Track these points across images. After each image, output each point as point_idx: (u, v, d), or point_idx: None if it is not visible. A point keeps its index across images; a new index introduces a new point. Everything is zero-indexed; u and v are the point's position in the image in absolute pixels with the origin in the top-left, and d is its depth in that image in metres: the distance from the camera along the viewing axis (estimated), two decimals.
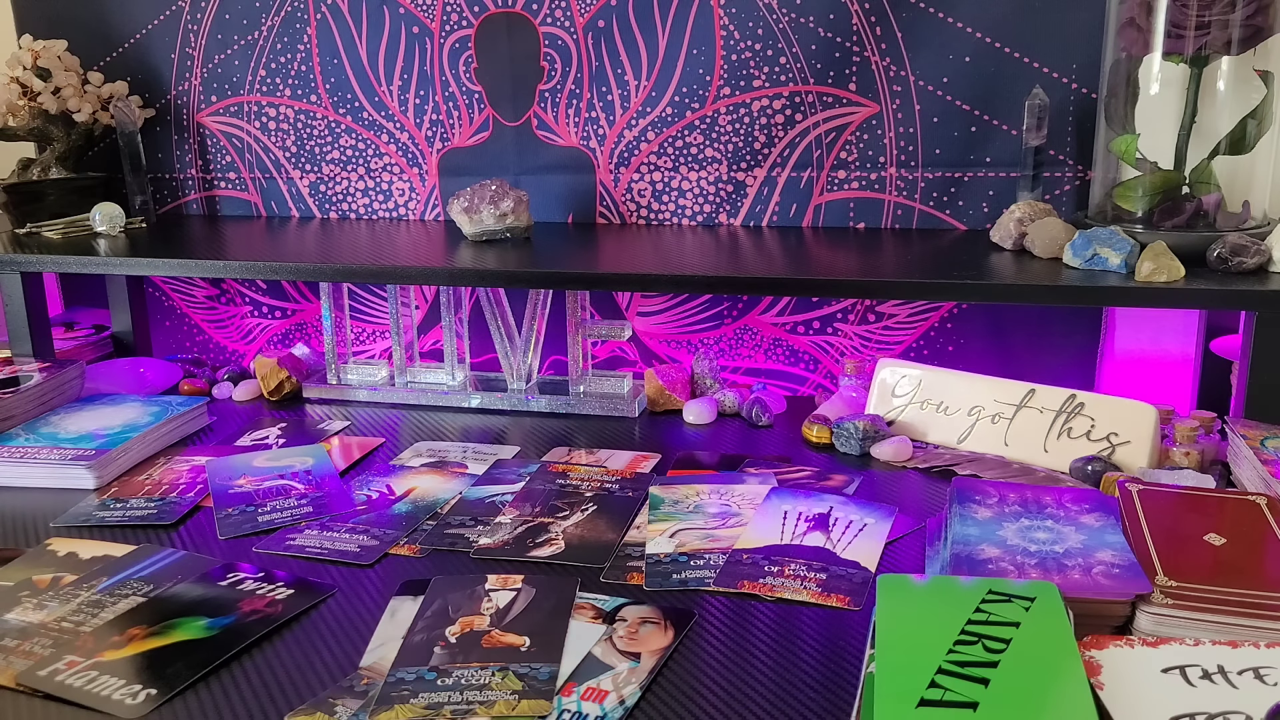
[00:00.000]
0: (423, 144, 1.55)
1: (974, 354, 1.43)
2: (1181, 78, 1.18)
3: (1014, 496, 0.94)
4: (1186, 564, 0.80)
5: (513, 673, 0.77)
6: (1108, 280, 1.13)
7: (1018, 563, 0.81)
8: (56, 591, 0.91)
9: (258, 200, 1.65)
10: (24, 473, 1.16)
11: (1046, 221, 1.24)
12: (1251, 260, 1.12)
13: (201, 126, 1.63)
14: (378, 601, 0.89)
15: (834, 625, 0.84)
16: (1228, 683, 0.66)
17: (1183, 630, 0.73)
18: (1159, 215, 1.21)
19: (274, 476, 1.15)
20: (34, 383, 1.32)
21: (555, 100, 1.49)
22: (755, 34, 1.38)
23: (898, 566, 0.93)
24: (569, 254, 1.37)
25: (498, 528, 1.02)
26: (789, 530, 0.99)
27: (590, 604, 0.87)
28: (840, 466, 1.17)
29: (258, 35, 1.56)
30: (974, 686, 0.63)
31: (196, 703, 0.75)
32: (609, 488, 1.11)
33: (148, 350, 1.72)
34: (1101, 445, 1.11)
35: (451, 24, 1.48)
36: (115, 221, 1.51)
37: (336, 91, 1.56)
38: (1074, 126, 1.33)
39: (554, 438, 1.29)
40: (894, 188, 1.41)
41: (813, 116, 1.40)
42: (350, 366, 1.48)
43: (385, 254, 1.35)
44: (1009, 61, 1.33)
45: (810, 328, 1.49)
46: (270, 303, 1.69)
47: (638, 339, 1.56)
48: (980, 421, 1.19)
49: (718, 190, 1.47)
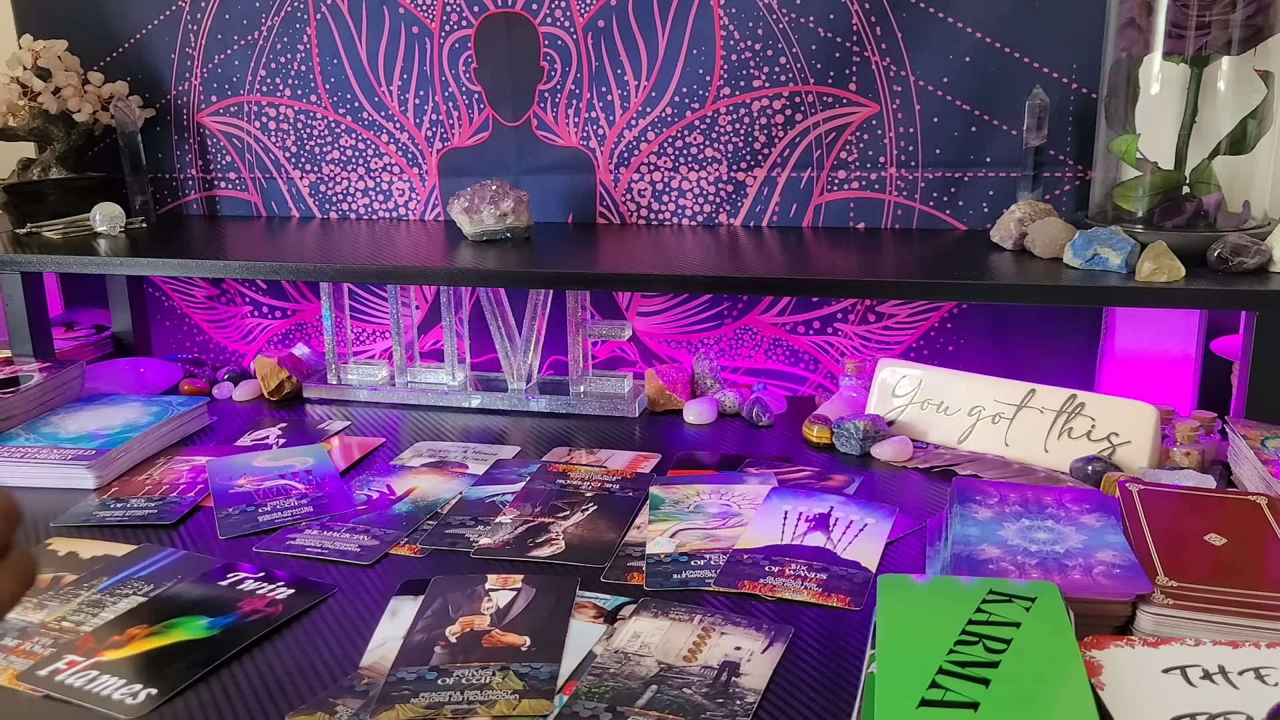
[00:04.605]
0: (423, 144, 1.55)
1: (974, 354, 1.43)
2: (1182, 78, 1.18)
3: (1014, 496, 0.94)
4: (1187, 564, 0.80)
5: (513, 672, 0.77)
6: (1108, 280, 1.13)
7: (1018, 563, 0.81)
8: (57, 591, 0.91)
9: (258, 200, 1.65)
10: (24, 473, 1.16)
11: (1047, 221, 1.24)
12: (1252, 260, 1.12)
13: (201, 126, 1.63)
14: (378, 601, 0.89)
15: (834, 625, 0.84)
16: (1228, 683, 0.66)
17: (1183, 630, 0.73)
18: (1159, 215, 1.21)
19: (274, 476, 1.15)
20: (34, 383, 1.32)
21: (555, 100, 1.49)
22: (755, 34, 1.38)
23: (898, 566, 0.93)
24: (569, 254, 1.37)
25: (498, 528, 1.02)
26: (789, 530, 0.99)
27: (591, 603, 0.87)
28: (840, 466, 1.17)
29: (258, 35, 1.56)
30: (975, 687, 0.63)
31: (196, 702, 0.75)
32: (609, 488, 1.11)
33: (148, 350, 1.72)
34: (1102, 445, 1.11)
35: (451, 24, 1.48)
36: (115, 221, 1.51)
37: (336, 91, 1.56)
38: (1074, 126, 1.33)
39: (554, 438, 1.29)
40: (894, 188, 1.41)
41: (813, 116, 1.40)
42: (350, 366, 1.48)
43: (385, 254, 1.35)
44: (1009, 61, 1.33)
45: (810, 328, 1.49)
46: (270, 303, 1.69)
47: (638, 339, 1.56)
48: (980, 421, 1.19)
49: (718, 190, 1.47)
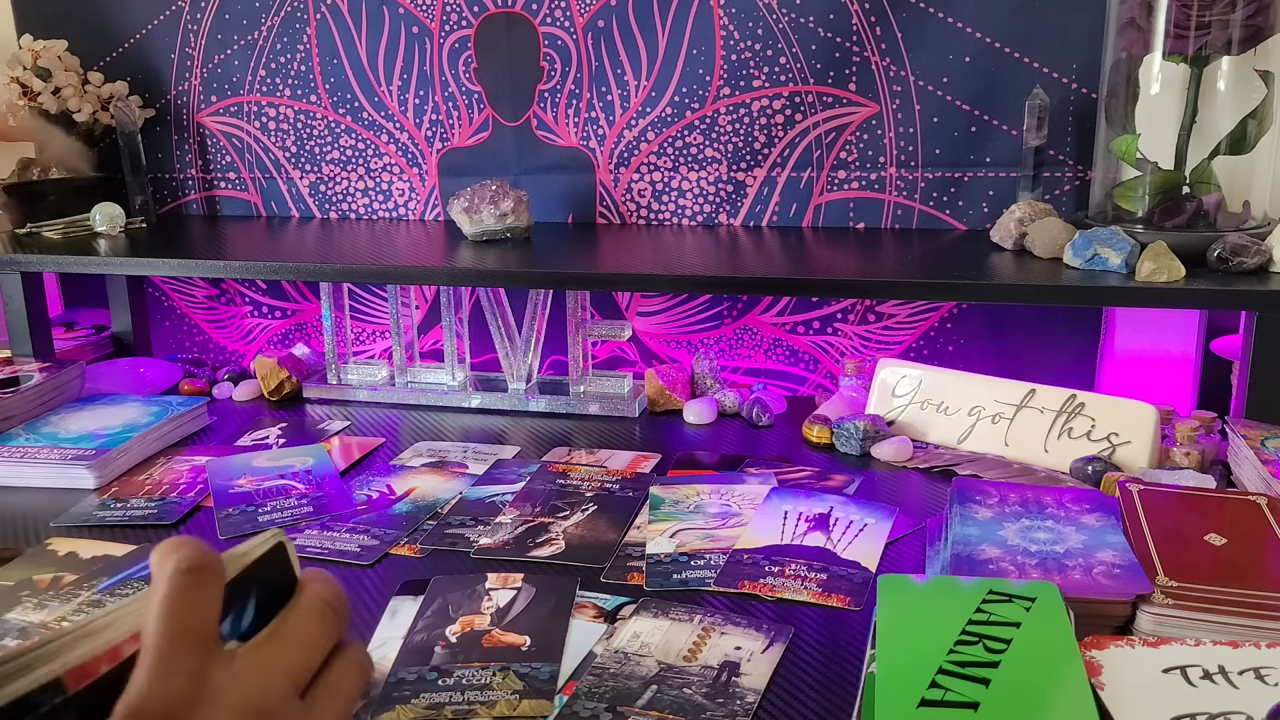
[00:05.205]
0: (422, 144, 1.55)
1: (974, 354, 1.43)
2: (1182, 78, 1.18)
3: (1014, 496, 0.94)
4: (1187, 564, 0.80)
5: (514, 672, 0.77)
6: (1108, 280, 1.13)
7: (1018, 563, 0.81)
8: (57, 591, 0.91)
9: (258, 200, 1.65)
10: (24, 472, 1.16)
11: (1047, 221, 1.24)
12: (1252, 260, 1.12)
13: (201, 126, 1.63)
14: (378, 601, 0.89)
15: (834, 625, 0.84)
16: (1228, 683, 0.66)
17: (1183, 630, 0.73)
18: (1159, 215, 1.21)
19: (274, 476, 1.15)
20: (34, 383, 1.32)
21: (555, 100, 1.49)
22: (755, 34, 1.38)
23: (898, 566, 0.93)
24: (569, 254, 1.37)
25: (498, 528, 1.02)
26: (789, 530, 0.99)
27: (592, 603, 0.87)
28: (840, 466, 1.17)
29: (257, 35, 1.56)
30: (975, 687, 0.63)
31: None
32: (609, 488, 1.11)
33: (148, 350, 1.72)
34: (1102, 445, 1.11)
35: (451, 24, 1.48)
36: (115, 221, 1.51)
37: (336, 91, 1.56)
38: (1074, 126, 1.33)
39: (554, 438, 1.29)
40: (894, 188, 1.41)
41: (813, 116, 1.40)
42: (350, 366, 1.48)
43: (385, 254, 1.35)
44: (1009, 61, 1.33)
45: (810, 328, 1.49)
46: (270, 303, 1.69)
47: (638, 339, 1.56)
48: (980, 421, 1.19)
49: (718, 190, 1.47)
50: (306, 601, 0.41)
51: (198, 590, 0.37)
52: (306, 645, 0.40)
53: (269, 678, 0.39)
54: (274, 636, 0.40)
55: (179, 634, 0.36)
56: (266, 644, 0.39)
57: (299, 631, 0.40)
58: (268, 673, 0.39)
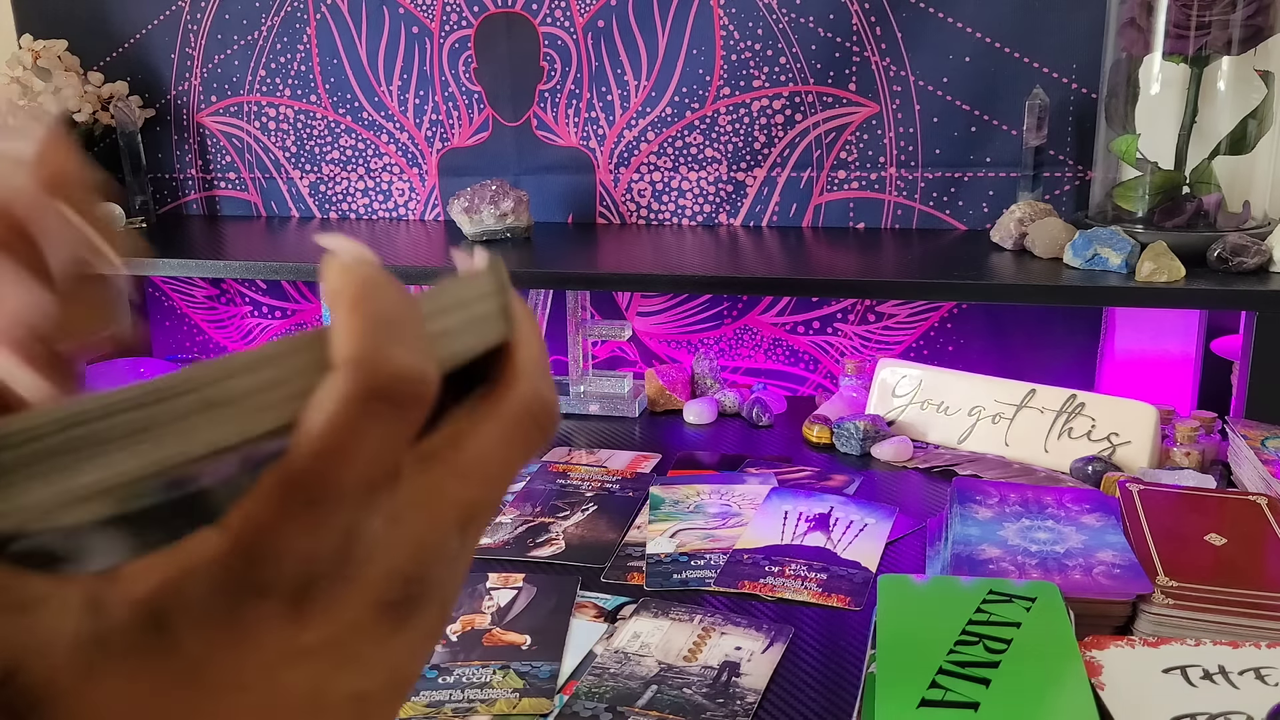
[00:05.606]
0: (422, 144, 1.55)
1: (974, 354, 1.43)
2: (1182, 78, 1.18)
3: (1014, 496, 0.94)
4: (1187, 564, 0.80)
5: (514, 671, 0.77)
6: (1108, 280, 1.13)
7: (1018, 563, 0.81)
8: None
9: (258, 200, 1.65)
10: None
11: (1047, 221, 1.24)
12: (1252, 260, 1.12)
13: (201, 126, 1.63)
14: None
15: (834, 625, 0.84)
16: (1228, 683, 0.66)
17: (1183, 630, 0.73)
18: (1159, 215, 1.21)
19: None
20: None
21: (555, 100, 1.49)
22: (755, 34, 1.38)
23: (898, 566, 0.93)
24: (569, 254, 1.37)
25: (498, 527, 1.02)
26: (789, 530, 0.99)
27: (592, 603, 0.87)
28: (840, 466, 1.17)
29: (257, 35, 1.56)
30: (975, 687, 0.63)
31: None
32: (609, 488, 1.11)
33: (148, 350, 1.72)
34: (1102, 445, 1.11)
35: (451, 24, 1.48)
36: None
37: (336, 91, 1.55)
38: (1074, 126, 1.33)
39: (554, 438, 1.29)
40: (894, 188, 1.41)
41: (813, 116, 1.40)
42: None
43: (385, 254, 1.35)
44: (1009, 61, 1.33)
45: (810, 328, 1.49)
46: (270, 303, 1.69)
47: (638, 339, 1.56)
48: (980, 421, 1.19)
49: (718, 190, 1.47)
50: (511, 410, 0.25)
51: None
52: (492, 477, 0.25)
53: (440, 510, 0.24)
54: (458, 445, 0.24)
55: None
56: (448, 454, 0.24)
57: (493, 452, 0.25)
58: (439, 503, 0.24)
